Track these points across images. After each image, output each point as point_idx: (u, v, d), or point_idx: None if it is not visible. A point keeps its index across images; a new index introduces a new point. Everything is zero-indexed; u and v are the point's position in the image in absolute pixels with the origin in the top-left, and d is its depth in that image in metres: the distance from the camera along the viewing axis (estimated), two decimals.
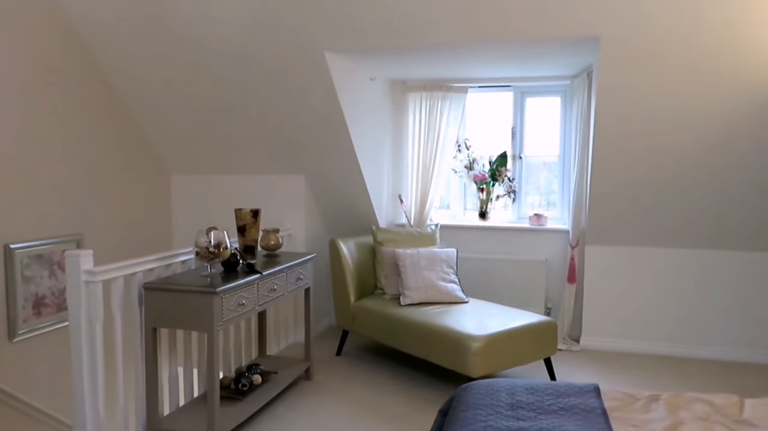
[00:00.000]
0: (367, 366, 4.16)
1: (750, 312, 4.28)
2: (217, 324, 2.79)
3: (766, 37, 3.23)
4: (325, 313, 5.01)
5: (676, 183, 4.02)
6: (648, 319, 4.46)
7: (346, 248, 4.34)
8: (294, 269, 3.62)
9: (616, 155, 3.97)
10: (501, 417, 2.08)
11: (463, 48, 3.84)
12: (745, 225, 4.11)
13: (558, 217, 4.92)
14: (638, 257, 4.45)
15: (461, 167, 5.05)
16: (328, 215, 4.96)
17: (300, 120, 4.28)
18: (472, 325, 3.57)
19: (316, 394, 3.68)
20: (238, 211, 3.42)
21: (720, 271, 4.31)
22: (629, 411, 2.15)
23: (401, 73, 4.75)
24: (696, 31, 3.28)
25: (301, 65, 3.89)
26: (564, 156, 4.85)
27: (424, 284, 4.06)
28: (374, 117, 4.71)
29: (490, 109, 5.10)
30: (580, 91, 4.38)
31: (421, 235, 4.52)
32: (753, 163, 3.81)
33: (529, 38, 3.56)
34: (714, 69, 3.43)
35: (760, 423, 2.02)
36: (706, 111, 3.65)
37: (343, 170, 4.52)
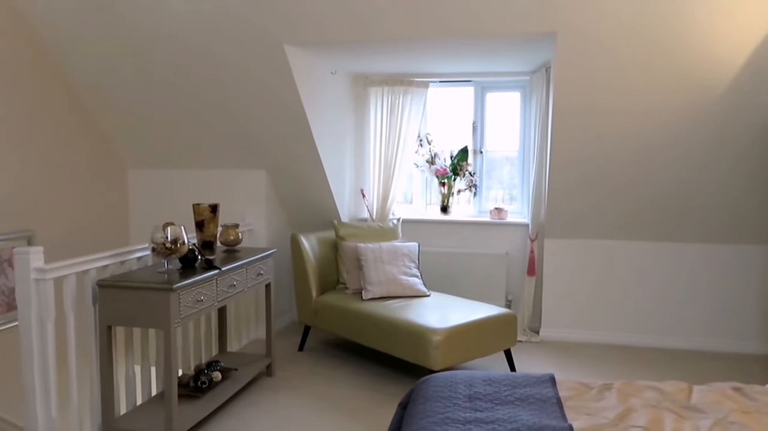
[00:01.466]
0: (329, 361, 4.15)
1: (700, 302, 4.43)
2: (174, 321, 2.75)
3: (716, 35, 3.33)
4: (287, 309, 4.98)
5: (631, 177, 4.12)
6: (605, 310, 4.57)
7: (307, 243, 4.32)
8: (254, 264, 3.58)
9: (573, 149, 4.05)
10: (459, 408, 2.10)
11: (423, 42, 3.85)
12: (697, 218, 4.24)
13: (518, 211, 4.99)
14: (595, 250, 4.55)
15: (423, 161, 5.07)
16: (289, 210, 4.93)
17: (260, 114, 4.23)
18: (433, 318, 3.60)
19: (277, 390, 3.66)
20: (196, 206, 3.37)
21: (672, 262, 4.44)
22: (583, 399, 2.19)
23: (363, 68, 4.74)
24: (650, 27, 3.35)
25: (261, 58, 3.84)
26: (524, 150, 4.92)
27: (386, 279, 4.07)
28: (336, 111, 4.69)
29: (451, 104, 5.14)
30: (539, 86, 4.45)
31: (383, 229, 4.53)
32: (704, 156, 3.93)
33: (488, 33, 3.59)
34: (667, 64, 3.52)
35: (706, 408, 2.09)
36: (661, 105, 3.74)
37: (305, 164, 4.49)
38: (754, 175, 3.94)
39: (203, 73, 4.00)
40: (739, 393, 2.23)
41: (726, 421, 1.98)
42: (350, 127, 5.00)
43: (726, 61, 3.45)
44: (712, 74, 3.53)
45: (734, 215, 4.16)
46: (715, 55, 3.43)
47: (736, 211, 4.14)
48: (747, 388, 2.26)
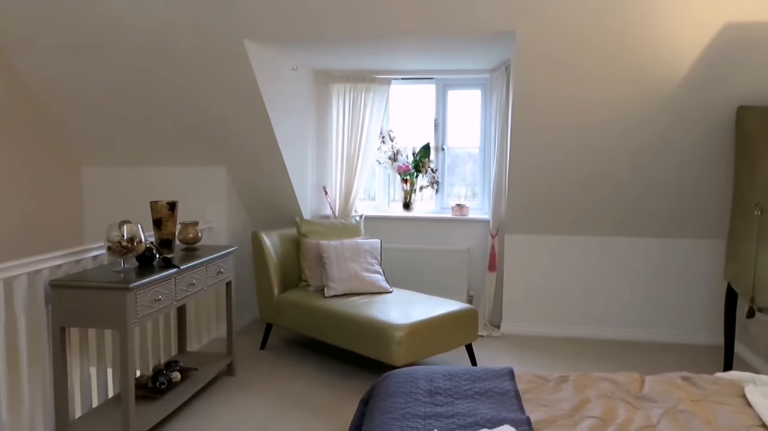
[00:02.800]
0: (291, 359, 4.13)
1: (653, 295, 4.56)
2: (130, 321, 2.69)
3: (666, 37, 3.43)
4: (249, 307, 4.93)
5: (587, 174, 4.21)
6: (563, 304, 4.67)
7: (269, 241, 4.28)
8: (214, 262, 3.54)
9: (532, 147, 4.12)
10: (419, 403, 2.12)
11: (385, 40, 3.86)
12: (649, 213, 4.37)
13: (479, 207, 5.05)
14: (554, 245, 4.64)
15: (385, 158, 5.08)
16: (251, 208, 4.88)
17: (220, 110, 4.17)
18: (395, 315, 3.62)
19: (239, 389, 3.62)
20: (153, 203, 3.31)
21: (627, 257, 4.57)
22: (540, 392, 2.24)
23: (325, 64, 4.72)
24: (605, 28, 3.43)
25: (220, 54, 3.79)
26: (484, 147, 4.98)
27: (348, 276, 4.07)
28: (297, 108, 4.66)
29: (413, 101, 5.16)
30: (499, 84, 4.51)
31: (346, 226, 4.52)
32: (655, 154, 4.05)
33: (448, 31, 3.62)
34: (621, 64, 3.61)
35: (657, 397, 2.16)
36: (614, 104, 3.84)
37: (266, 161, 4.45)
38: (701, 172, 4.07)
39: (160, 68, 3.92)
40: (688, 383, 2.31)
41: (676, 409, 2.05)
42: (312, 123, 4.98)
43: (675, 63, 3.56)
44: (663, 75, 3.63)
45: (684, 210, 4.30)
46: (665, 56, 3.53)
47: (685, 207, 4.28)
48: (695, 377, 2.34)
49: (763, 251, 3.25)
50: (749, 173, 3.51)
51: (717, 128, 3.86)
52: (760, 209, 3.29)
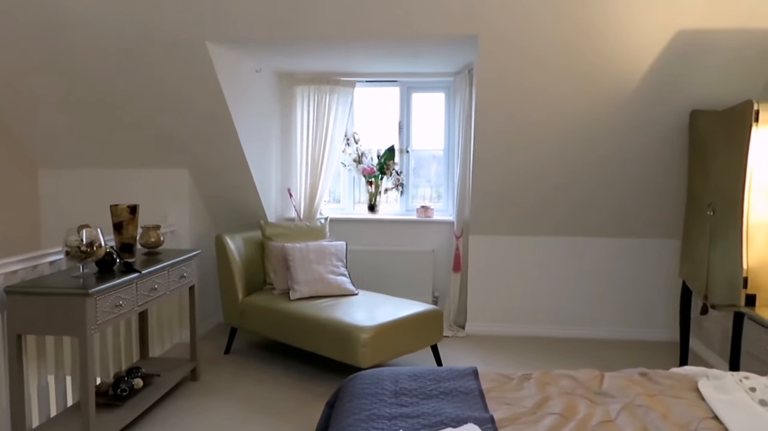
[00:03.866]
0: (256, 363, 4.10)
1: (613, 294, 4.68)
2: (90, 328, 2.64)
3: (624, 40, 3.53)
4: (213, 311, 4.88)
5: (550, 175, 4.30)
6: (526, 304, 4.76)
7: (233, 244, 4.24)
8: (177, 266, 3.49)
9: (494, 148, 4.18)
10: (385, 404, 2.14)
11: (349, 42, 3.87)
12: (611, 214, 4.48)
13: (444, 209, 5.10)
14: (517, 246, 4.72)
15: (350, 160, 5.09)
16: (214, 211, 4.82)
17: (182, 113, 4.11)
18: (361, 316, 3.63)
19: (203, 394, 3.58)
20: (113, 207, 3.24)
21: (589, 256, 4.68)
22: (504, 390, 2.28)
23: (288, 66, 4.70)
24: (565, 32, 3.51)
25: (182, 56, 3.74)
26: (448, 150, 5.04)
27: (313, 278, 4.06)
28: (261, 110, 4.63)
29: (377, 103, 5.18)
30: (462, 87, 4.56)
31: (311, 229, 4.51)
32: (615, 158, 4.16)
33: (411, 34, 3.65)
34: (581, 67, 3.69)
35: (615, 393, 2.22)
36: (575, 107, 3.92)
37: (229, 163, 4.41)
38: (657, 173, 4.20)
39: (121, 69, 3.85)
40: (645, 378, 2.38)
41: (633, 404, 2.12)
42: (276, 126, 4.95)
43: (632, 68, 3.66)
44: (621, 80, 3.73)
45: (641, 211, 4.43)
46: (622, 62, 3.64)
47: (642, 207, 4.40)
48: (652, 373, 2.42)
49: (715, 250, 3.37)
50: (701, 175, 3.64)
51: (672, 131, 3.99)
52: (712, 210, 3.42)
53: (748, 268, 3.02)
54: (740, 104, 3.11)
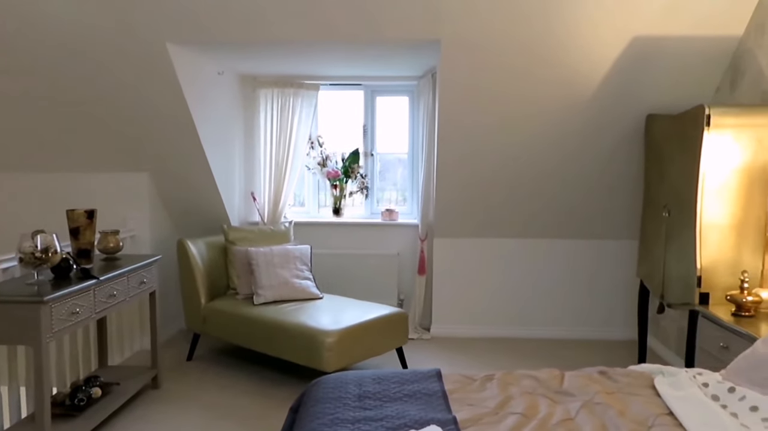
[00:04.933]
0: (220, 369, 4.04)
1: (575, 294, 4.77)
2: (45, 336, 2.56)
3: (584, 45, 3.61)
4: (175, 317, 4.79)
5: (512, 177, 4.36)
6: (490, 305, 4.81)
7: (195, 249, 4.18)
8: (137, 272, 3.42)
9: (458, 151, 4.22)
10: (348, 408, 2.13)
11: (311, 45, 3.86)
12: (571, 216, 4.57)
13: (409, 212, 5.12)
14: (480, 248, 4.77)
15: (314, 164, 5.07)
16: (176, 215, 4.74)
17: (142, 115, 4.03)
18: (325, 320, 3.61)
19: (164, 402, 3.51)
20: (70, 212, 3.17)
21: (550, 258, 4.76)
22: (467, 391, 2.30)
23: (251, 69, 4.66)
24: (526, 37, 3.58)
25: (141, 57, 3.67)
26: (413, 153, 5.06)
27: (277, 282, 4.03)
28: (224, 112, 4.58)
29: (341, 106, 5.18)
30: (426, 90, 4.60)
31: (275, 233, 4.48)
32: (576, 161, 4.24)
33: (373, 38, 3.67)
34: (542, 72, 3.76)
35: (575, 392, 2.26)
36: (537, 110, 3.99)
37: (191, 167, 4.34)
38: (616, 176, 4.30)
39: (78, 69, 3.75)
40: (604, 376, 2.43)
41: (592, 402, 2.16)
42: (239, 129, 4.90)
43: (590, 73, 3.75)
44: (580, 84, 3.82)
45: (601, 213, 4.53)
46: (581, 66, 3.72)
47: (602, 209, 4.50)
48: (611, 371, 2.47)
49: (671, 250, 3.47)
50: (658, 177, 3.74)
51: (629, 135, 4.09)
52: (668, 211, 3.51)
53: (702, 267, 3.11)
54: (693, 109, 3.21)
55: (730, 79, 3.65)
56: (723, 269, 3.12)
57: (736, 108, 3.19)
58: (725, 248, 3.13)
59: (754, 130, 3.08)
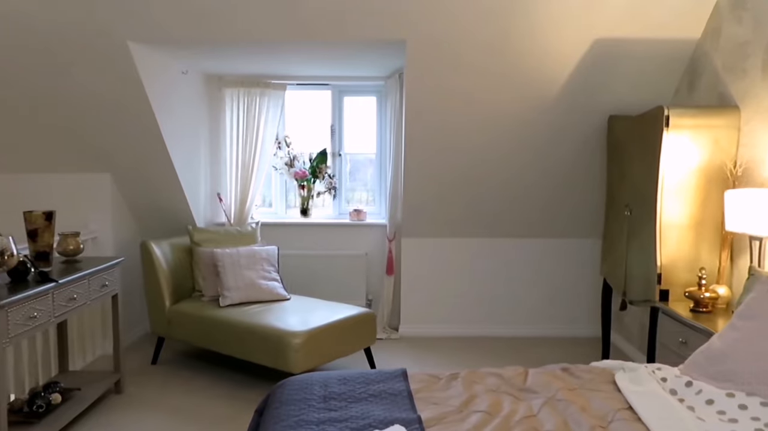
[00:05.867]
0: (185, 373, 3.98)
1: (540, 293, 4.84)
2: (2, 342, 2.49)
3: (547, 46, 3.66)
4: (140, 320, 4.70)
5: (478, 178, 4.40)
6: (458, 304, 4.84)
7: (159, 250, 4.11)
8: (98, 275, 3.34)
9: (425, 152, 4.24)
10: (313, 409, 2.12)
11: (277, 45, 3.84)
12: (537, 216, 4.63)
13: (377, 212, 5.12)
14: (448, 248, 4.80)
15: (282, 164, 5.04)
16: (140, 216, 4.65)
17: (103, 115, 3.95)
18: (293, 321, 3.59)
19: (128, 408, 3.44)
20: (27, 214, 3.08)
21: (516, 257, 4.81)
22: (432, 390, 2.31)
23: (217, 68, 4.61)
24: (491, 38, 3.61)
25: (103, 55, 3.60)
26: (380, 153, 5.06)
27: (244, 284, 3.99)
28: (188, 112, 4.51)
29: (309, 106, 5.15)
30: (393, 91, 4.60)
31: (241, 234, 4.43)
32: (540, 161, 4.30)
33: (339, 38, 3.66)
34: (509, 74, 3.81)
35: (538, 389, 2.29)
36: (503, 112, 4.03)
37: (155, 167, 4.27)
38: (580, 176, 4.38)
39: (37, 67, 3.65)
40: (566, 373, 2.47)
41: (554, 399, 2.19)
42: (205, 129, 4.84)
43: (554, 74, 3.80)
44: (544, 85, 3.87)
45: (566, 212, 4.60)
46: (545, 67, 3.77)
47: (567, 209, 4.57)
48: (573, 368, 2.51)
49: (632, 248, 3.54)
50: (619, 177, 3.82)
51: (592, 135, 4.17)
52: (629, 210, 3.59)
53: (662, 265, 3.18)
54: (652, 110, 3.29)
55: (688, 81, 3.75)
56: (682, 266, 3.20)
57: (694, 109, 3.27)
58: (684, 246, 3.21)
59: (711, 131, 3.16)
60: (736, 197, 2.81)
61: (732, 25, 3.27)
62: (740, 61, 3.18)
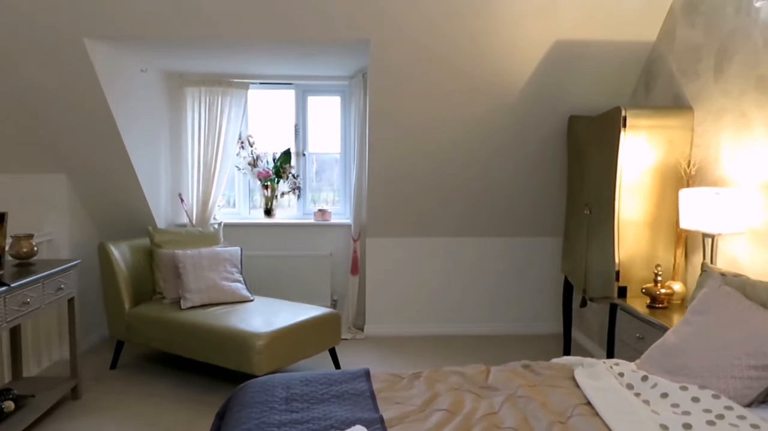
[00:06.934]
0: (146, 377, 3.90)
1: (504, 291, 4.89)
2: None
3: (508, 46, 3.70)
4: (99, 324, 4.58)
5: (441, 178, 4.42)
6: (422, 303, 4.86)
7: (118, 252, 4.02)
8: (53, 278, 3.25)
9: (388, 152, 4.24)
10: (275, 412, 2.10)
11: (239, 43, 3.79)
12: (500, 215, 4.68)
13: (342, 212, 5.11)
14: (413, 247, 4.81)
15: (245, 164, 4.98)
16: (97, 218, 4.53)
17: (58, 113, 3.84)
18: (256, 323, 3.55)
19: (85, 414, 3.35)
20: None
21: (480, 256, 4.85)
22: (394, 390, 2.31)
23: (177, 66, 4.53)
24: (454, 38, 3.63)
25: (57, 52, 3.49)
26: (345, 153, 5.05)
27: (206, 286, 3.93)
28: (148, 111, 4.42)
29: (272, 106, 5.10)
30: (357, 90, 4.60)
31: (204, 235, 4.36)
32: (503, 161, 4.35)
33: (302, 37, 3.63)
34: (472, 74, 3.83)
35: (500, 386, 2.32)
36: (467, 112, 4.06)
37: (113, 168, 4.17)
38: (541, 175, 4.44)
39: None
40: (527, 370, 2.50)
41: (515, 396, 2.22)
42: (165, 128, 4.75)
43: (516, 74, 3.85)
44: (506, 85, 3.92)
45: (528, 211, 4.66)
46: (507, 68, 3.82)
47: (529, 208, 4.63)
48: (534, 365, 2.54)
49: (592, 246, 3.61)
50: (579, 176, 3.89)
51: (553, 135, 4.23)
52: (589, 209, 3.66)
53: (620, 262, 3.26)
54: (610, 111, 3.36)
55: (645, 83, 3.84)
56: (639, 263, 3.28)
57: (650, 110, 3.35)
58: (641, 243, 3.29)
59: (666, 131, 3.25)
60: (689, 195, 2.89)
61: (685, 28, 3.36)
62: (693, 64, 3.28)
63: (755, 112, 2.77)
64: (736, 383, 2.08)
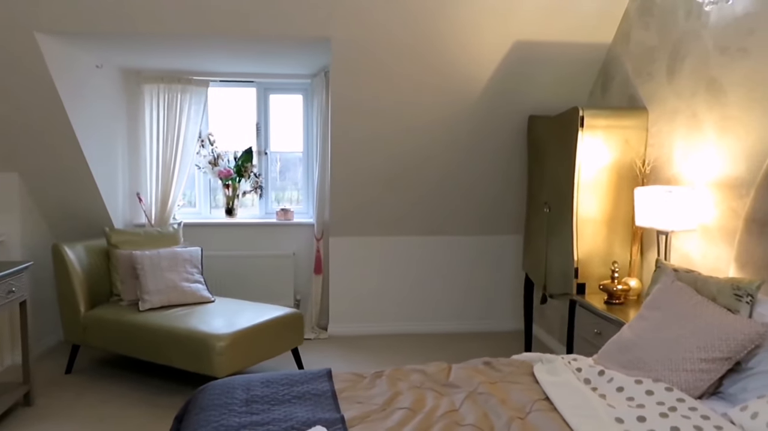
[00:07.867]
0: (103, 381, 3.80)
1: (466, 289, 4.94)
2: None
3: (468, 47, 3.73)
4: (54, 328, 4.45)
5: (404, 177, 4.43)
6: (385, 302, 4.87)
7: (72, 253, 3.90)
8: (3, 280, 3.14)
9: (351, 151, 4.23)
10: (234, 414, 2.07)
11: (195, 39, 3.72)
12: (460, 213, 4.71)
13: (304, 211, 5.07)
14: (375, 246, 4.81)
15: (205, 163, 4.90)
16: (52, 218, 4.39)
17: (9, 110, 3.71)
18: (217, 324, 3.50)
19: (38, 420, 3.25)
20: None
21: (442, 254, 4.88)
22: (356, 389, 2.30)
23: (134, 62, 4.42)
24: (414, 39, 3.65)
25: (7, 47, 3.38)
26: (308, 152, 5.02)
27: (165, 287, 3.85)
28: (104, 109, 4.31)
29: (233, 104, 5.04)
30: (319, 89, 4.57)
31: (163, 235, 4.28)
32: (465, 160, 4.38)
33: (261, 35, 3.59)
34: (431, 76, 3.86)
35: (461, 383, 2.33)
36: (427, 113, 4.08)
37: (67, 166, 4.05)
38: (503, 174, 4.49)
39: None
40: (488, 367, 2.52)
41: (476, 393, 2.23)
42: (122, 126, 4.64)
43: (476, 74, 3.89)
44: (467, 85, 3.95)
45: (490, 210, 4.71)
46: (468, 68, 3.85)
47: (491, 206, 4.69)
48: (495, 361, 2.57)
49: (552, 244, 3.67)
50: (539, 175, 3.95)
51: (513, 135, 4.29)
52: (548, 207, 3.72)
53: (578, 259, 3.32)
54: (568, 111, 3.42)
55: (601, 83, 3.92)
56: (597, 260, 3.35)
57: (606, 110, 3.42)
58: (598, 240, 3.36)
59: (622, 131, 3.33)
60: (644, 193, 2.97)
61: (640, 30, 3.44)
62: (648, 65, 3.36)
63: (706, 113, 2.86)
64: (688, 376, 2.14)
